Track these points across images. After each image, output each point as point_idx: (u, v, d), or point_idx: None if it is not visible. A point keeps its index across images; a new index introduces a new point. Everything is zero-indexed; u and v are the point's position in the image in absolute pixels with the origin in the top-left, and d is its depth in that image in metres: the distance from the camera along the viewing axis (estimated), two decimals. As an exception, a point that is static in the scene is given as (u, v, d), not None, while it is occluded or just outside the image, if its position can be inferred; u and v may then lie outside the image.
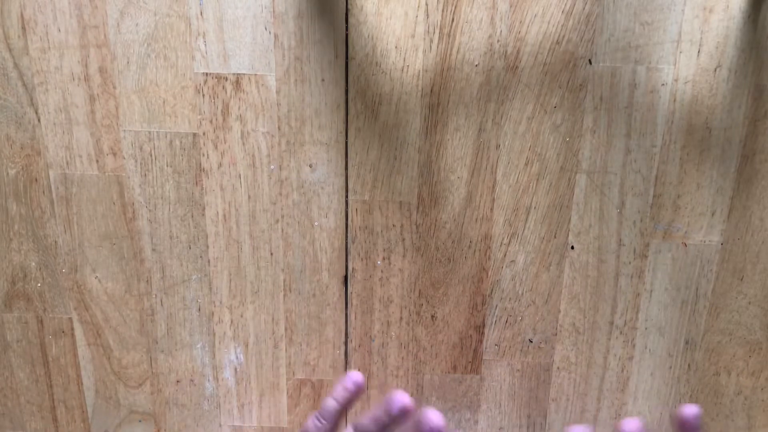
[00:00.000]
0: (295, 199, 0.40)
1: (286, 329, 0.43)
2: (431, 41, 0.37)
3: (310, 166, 0.39)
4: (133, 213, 0.41)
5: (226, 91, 0.38)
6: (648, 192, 0.39)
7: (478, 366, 0.43)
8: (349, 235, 0.41)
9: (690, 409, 0.34)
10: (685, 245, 0.40)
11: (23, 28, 0.37)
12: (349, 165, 0.39)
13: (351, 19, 0.37)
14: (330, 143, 0.39)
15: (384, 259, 0.41)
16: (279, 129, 0.39)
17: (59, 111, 0.38)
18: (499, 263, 0.41)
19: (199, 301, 0.42)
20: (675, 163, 0.38)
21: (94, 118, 0.39)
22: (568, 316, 0.42)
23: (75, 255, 0.41)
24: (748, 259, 0.40)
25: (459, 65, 0.37)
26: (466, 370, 0.43)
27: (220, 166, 0.39)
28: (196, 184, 0.40)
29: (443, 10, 0.36)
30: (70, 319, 0.43)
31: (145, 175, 0.40)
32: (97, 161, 0.40)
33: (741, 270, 0.40)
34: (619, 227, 0.40)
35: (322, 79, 0.38)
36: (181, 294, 0.42)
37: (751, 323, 0.41)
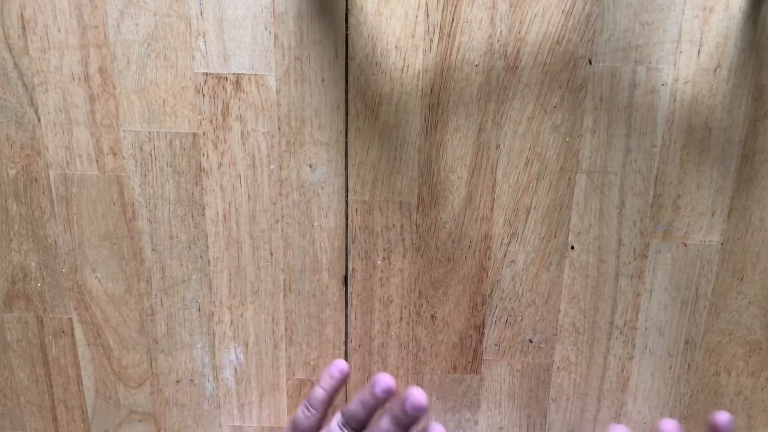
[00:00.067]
0: (295, 199, 0.40)
1: (286, 329, 0.43)
2: (431, 41, 0.37)
3: (310, 166, 0.39)
4: (133, 213, 0.41)
5: (226, 91, 0.38)
6: (648, 192, 0.39)
7: (478, 366, 0.43)
8: (349, 235, 0.41)
9: (722, 416, 0.36)
10: (685, 245, 0.40)
11: (23, 28, 0.37)
12: (349, 165, 0.39)
13: (351, 19, 0.37)
14: (330, 143, 0.39)
15: (384, 259, 0.41)
16: (279, 129, 0.39)
17: (59, 111, 0.38)
18: (499, 263, 0.41)
19: (199, 301, 0.42)
20: (675, 163, 0.38)
21: (94, 118, 0.39)
22: (568, 316, 0.42)
23: (75, 255, 0.41)
24: (748, 259, 0.40)
25: (459, 65, 0.37)
26: (466, 370, 0.43)
27: (220, 166, 0.39)
28: (196, 184, 0.40)
29: (443, 10, 0.36)
30: (70, 319, 0.43)
31: (145, 175, 0.40)
32: (97, 161, 0.40)
33: (741, 270, 0.40)
34: (619, 227, 0.40)
35: (322, 79, 0.38)
36: (181, 294, 0.42)
37: (751, 323, 0.41)
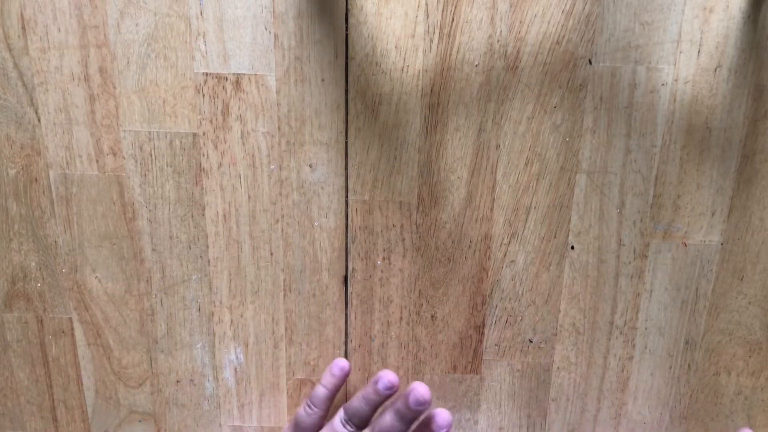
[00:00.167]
0: (295, 199, 0.40)
1: (286, 329, 0.43)
2: (431, 41, 0.37)
3: (310, 166, 0.39)
4: (133, 213, 0.41)
5: (226, 91, 0.38)
6: (648, 192, 0.39)
7: (478, 366, 0.43)
8: (349, 235, 0.41)
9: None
10: (685, 245, 0.40)
11: (23, 28, 0.37)
12: (349, 165, 0.39)
13: (351, 19, 0.37)
14: (330, 143, 0.39)
15: (384, 259, 0.41)
16: (279, 129, 0.39)
17: (59, 111, 0.38)
18: (499, 263, 0.41)
19: (199, 301, 0.42)
20: (675, 163, 0.38)
21: (94, 118, 0.39)
22: (568, 316, 0.42)
23: (75, 255, 0.41)
24: (748, 259, 0.40)
25: (459, 65, 0.37)
26: (466, 370, 0.43)
27: (220, 166, 0.39)
28: (196, 184, 0.40)
29: (443, 10, 0.36)
30: (70, 319, 0.43)
31: (145, 175, 0.40)
32: (97, 161, 0.40)
33: (741, 270, 0.40)
34: (619, 227, 0.40)
35: (322, 79, 0.38)
36: (181, 294, 0.42)
37: (751, 323, 0.41)
